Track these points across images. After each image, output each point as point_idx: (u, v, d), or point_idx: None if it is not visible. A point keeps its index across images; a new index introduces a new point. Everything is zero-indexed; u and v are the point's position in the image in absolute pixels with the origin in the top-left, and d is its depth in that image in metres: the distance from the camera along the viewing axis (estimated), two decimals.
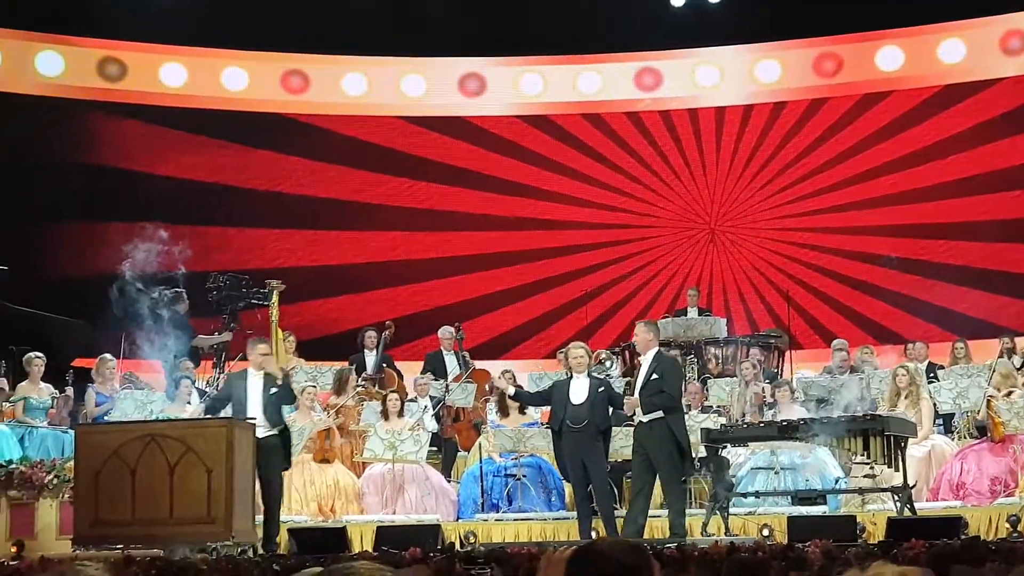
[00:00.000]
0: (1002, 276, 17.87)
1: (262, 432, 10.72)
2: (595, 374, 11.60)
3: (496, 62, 19.79)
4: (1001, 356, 14.63)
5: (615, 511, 11.41)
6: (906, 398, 12.62)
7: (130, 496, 9.96)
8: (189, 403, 13.07)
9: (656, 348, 11.27)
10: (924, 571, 2.20)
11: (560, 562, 3.06)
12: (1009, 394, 12.39)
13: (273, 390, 10.95)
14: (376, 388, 14.59)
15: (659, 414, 10.85)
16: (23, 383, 13.14)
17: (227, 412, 10.97)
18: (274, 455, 10.77)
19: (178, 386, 13.19)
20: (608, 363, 13.32)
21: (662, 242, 19.60)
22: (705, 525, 11.32)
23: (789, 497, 12.19)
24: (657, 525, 11.67)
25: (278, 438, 10.90)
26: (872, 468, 11.40)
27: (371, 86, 19.62)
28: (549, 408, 13.97)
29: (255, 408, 10.89)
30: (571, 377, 11.42)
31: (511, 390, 12.15)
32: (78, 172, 18.28)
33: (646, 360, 11.15)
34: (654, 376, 10.96)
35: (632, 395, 11.09)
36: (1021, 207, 18.16)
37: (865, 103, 19.06)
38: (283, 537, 10.84)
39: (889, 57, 19.08)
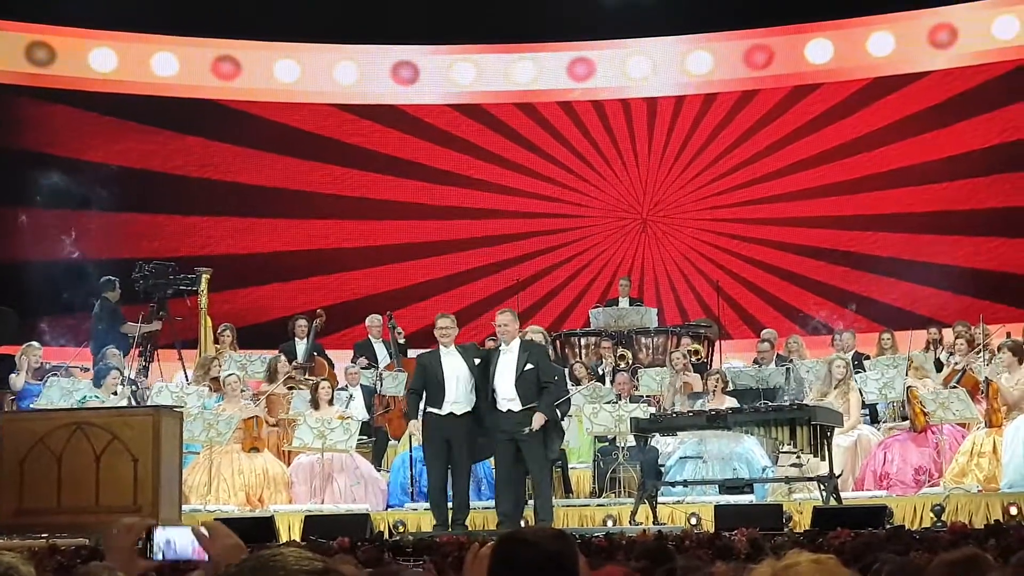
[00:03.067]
0: (928, 267, 18.08)
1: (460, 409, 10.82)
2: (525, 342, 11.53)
3: (429, 50, 19.74)
4: (927, 348, 14.84)
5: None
6: (835, 388, 12.77)
7: (55, 484, 9.88)
8: (115, 393, 12.94)
9: (518, 338, 11.25)
10: (836, 560, 2.22)
11: (485, 557, 3.05)
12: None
13: (477, 361, 10.98)
14: (306, 376, 14.53)
15: (532, 404, 10.85)
16: None
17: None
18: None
19: (106, 375, 13.06)
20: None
21: (594, 231, 19.66)
22: (633, 514, 11.39)
23: (717, 486, 12.29)
24: (578, 514, 11.75)
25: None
26: (799, 457, 11.52)
27: (303, 73, 19.50)
28: None
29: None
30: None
31: None
32: (4, 157, 18.04)
33: (512, 350, 11.07)
34: (528, 366, 10.94)
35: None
36: (948, 199, 18.38)
37: (795, 95, 19.20)
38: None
39: (819, 50, 19.23)
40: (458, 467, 11.07)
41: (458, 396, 11.02)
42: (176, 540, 2.82)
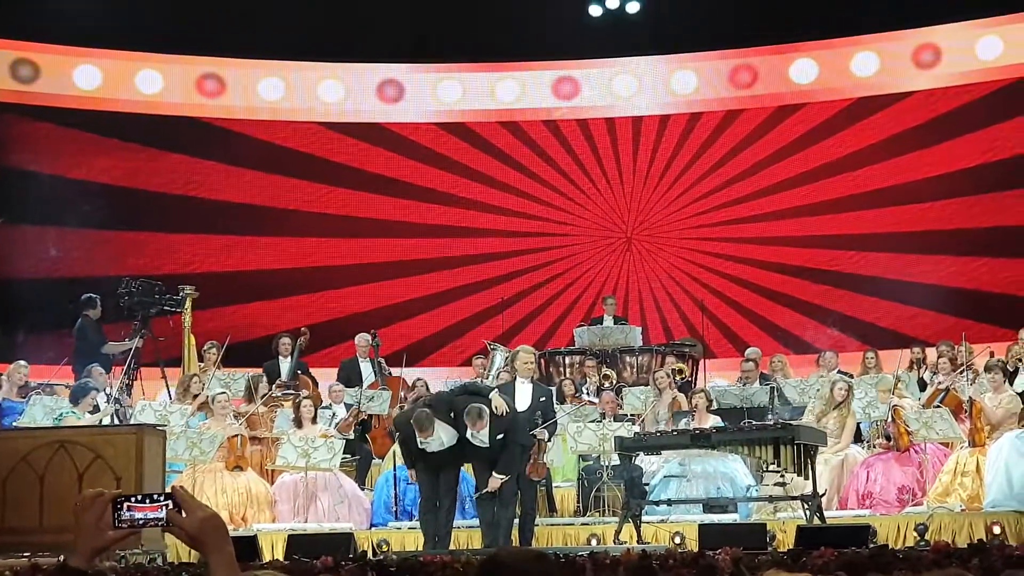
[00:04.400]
0: (912, 287, 18.14)
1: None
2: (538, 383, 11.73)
3: (414, 69, 19.76)
4: (911, 367, 14.87)
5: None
6: (835, 409, 12.78)
7: (38, 503, 9.84)
8: (93, 410, 12.88)
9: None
10: None
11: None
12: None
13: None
14: (288, 393, 14.50)
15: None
16: None
17: None
18: None
19: (85, 393, 12.99)
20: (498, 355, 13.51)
21: (579, 250, 19.67)
22: (618, 533, 11.38)
23: (701, 505, 12.28)
24: (562, 533, 11.76)
25: None
26: (783, 477, 11.53)
27: (288, 91, 19.51)
28: None
29: None
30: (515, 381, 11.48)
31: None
32: None
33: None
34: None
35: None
36: (931, 219, 18.44)
37: (779, 115, 19.26)
38: None
39: (803, 70, 19.30)
40: (445, 484, 11.12)
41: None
42: (142, 510, 2.80)
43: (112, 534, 2.81)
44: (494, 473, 10.89)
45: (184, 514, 2.76)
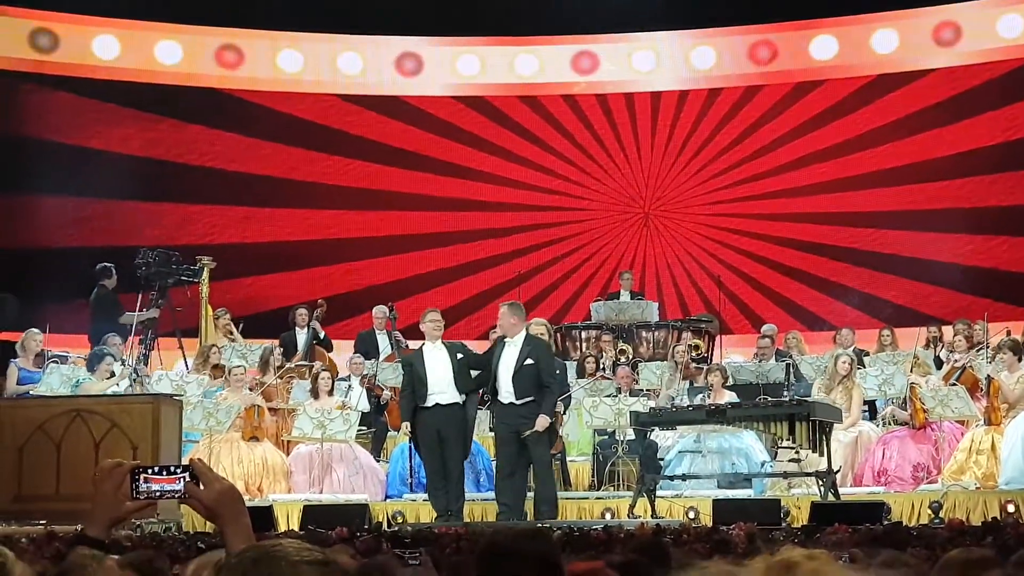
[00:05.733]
0: (930, 265, 18.09)
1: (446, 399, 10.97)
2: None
3: (434, 42, 19.72)
4: (927, 345, 14.85)
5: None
6: (839, 384, 12.77)
7: (54, 471, 9.90)
8: (112, 375, 12.93)
9: (524, 331, 11.25)
10: (828, 554, 2.23)
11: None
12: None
13: (460, 356, 11.08)
14: (303, 365, 14.54)
15: (530, 398, 10.87)
16: None
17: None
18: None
19: (100, 359, 13.03)
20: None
21: (596, 225, 19.65)
22: (632, 507, 11.40)
23: (715, 480, 12.29)
24: (576, 507, 11.77)
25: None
26: (797, 453, 11.53)
27: (307, 63, 19.49)
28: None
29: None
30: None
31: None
32: (6, 144, 18.04)
33: (515, 343, 11.08)
34: (528, 361, 10.95)
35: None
36: (951, 197, 18.37)
37: (798, 91, 19.18)
38: None
39: (823, 46, 19.21)
40: (450, 457, 11.09)
41: (442, 387, 11.07)
42: (160, 483, 2.81)
43: (130, 505, 2.83)
44: (541, 414, 10.81)
45: (202, 486, 2.77)
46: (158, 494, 2.81)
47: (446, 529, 9.13)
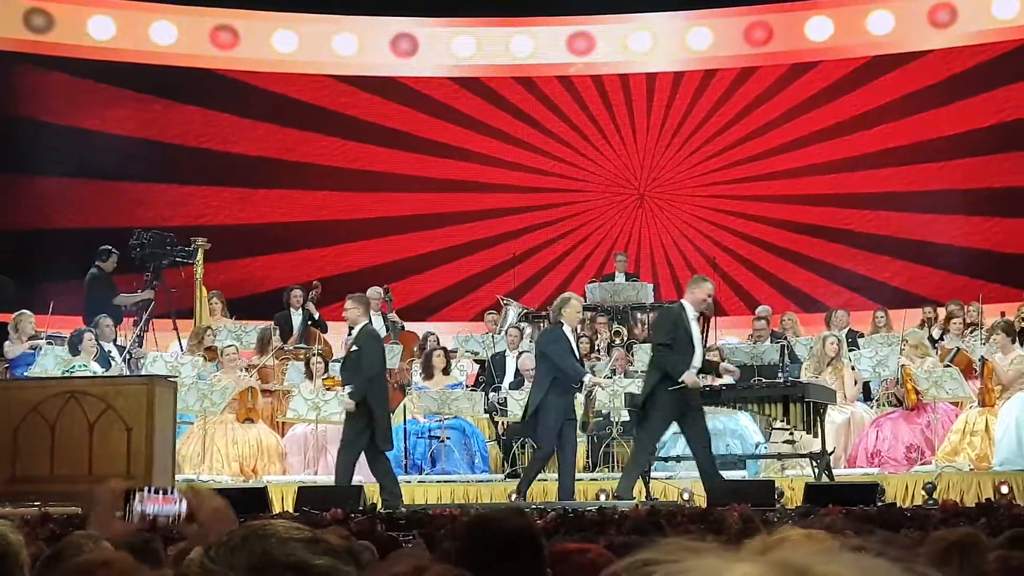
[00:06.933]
0: (924, 247, 18.09)
1: None
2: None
3: (429, 23, 19.67)
4: (922, 326, 14.86)
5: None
6: (828, 365, 12.80)
7: (49, 453, 9.89)
8: (110, 360, 12.93)
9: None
10: (826, 534, 2.23)
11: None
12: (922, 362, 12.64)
13: None
14: (299, 347, 14.54)
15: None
16: None
17: None
18: None
19: (80, 339, 13.02)
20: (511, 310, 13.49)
21: (591, 207, 19.64)
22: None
23: None
24: (581, 489, 11.79)
25: None
26: (792, 434, 11.56)
27: (302, 43, 19.43)
28: (476, 371, 14.10)
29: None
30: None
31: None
32: (0, 125, 18.00)
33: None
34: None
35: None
36: (943, 179, 18.36)
37: (794, 72, 19.16)
38: None
39: (818, 27, 19.18)
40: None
41: None
42: (155, 504, 2.84)
43: (123, 525, 2.85)
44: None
45: (195, 509, 2.78)
46: (152, 517, 2.84)
47: (440, 511, 9.16)
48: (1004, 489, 10.74)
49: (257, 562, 1.92)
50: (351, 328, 11.51)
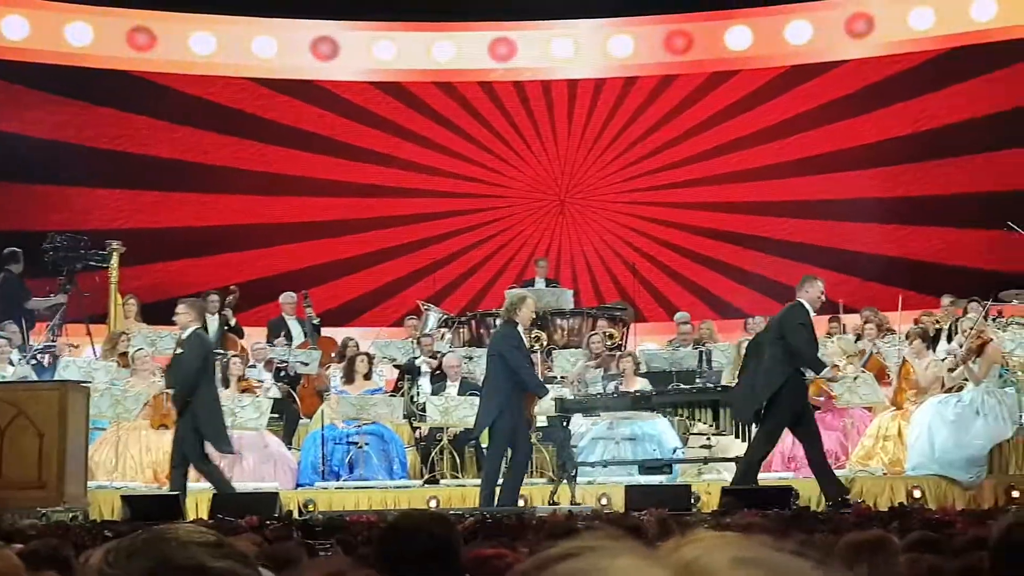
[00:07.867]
0: (840, 253, 18.27)
1: None
2: None
3: (350, 26, 19.57)
4: (828, 336, 14.99)
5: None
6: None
7: None
8: (11, 364, 12.71)
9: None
10: (738, 535, 2.22)
11: None
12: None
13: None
14: (216, 353, 14.38)
15: None
16: None
17: None
18: None
19: None
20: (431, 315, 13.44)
21: (512, 212, 19.64)
22: (553, 494, 11.43)
23: (637, 466, 12.37)
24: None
25: None
26: (709, 439, 11.62)
27: (220, 46, 19.24)
28: (396, 376, 14.02)
29: None
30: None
31: None
32: None
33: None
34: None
35: None
36: (860, 186, 18.56)
37: (713, 81, 19.29)
38: (116, 504, 10.64)
39: (738, 36, 19.33)
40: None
41: None
42: None
43: None
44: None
45: None
46: None
47: (357, 518, 9.08)
48: (917, 493, 10.87)
49: (155, 566, 1.86)
50: (182, 332, 11.39)
